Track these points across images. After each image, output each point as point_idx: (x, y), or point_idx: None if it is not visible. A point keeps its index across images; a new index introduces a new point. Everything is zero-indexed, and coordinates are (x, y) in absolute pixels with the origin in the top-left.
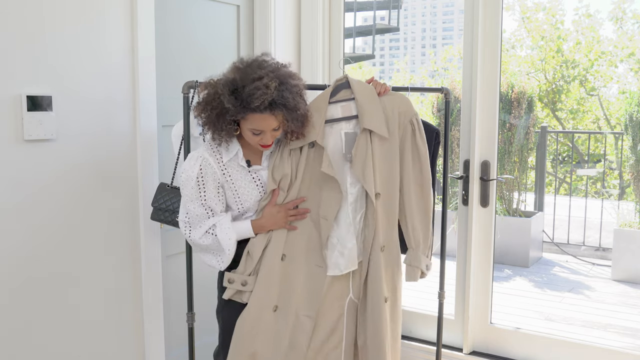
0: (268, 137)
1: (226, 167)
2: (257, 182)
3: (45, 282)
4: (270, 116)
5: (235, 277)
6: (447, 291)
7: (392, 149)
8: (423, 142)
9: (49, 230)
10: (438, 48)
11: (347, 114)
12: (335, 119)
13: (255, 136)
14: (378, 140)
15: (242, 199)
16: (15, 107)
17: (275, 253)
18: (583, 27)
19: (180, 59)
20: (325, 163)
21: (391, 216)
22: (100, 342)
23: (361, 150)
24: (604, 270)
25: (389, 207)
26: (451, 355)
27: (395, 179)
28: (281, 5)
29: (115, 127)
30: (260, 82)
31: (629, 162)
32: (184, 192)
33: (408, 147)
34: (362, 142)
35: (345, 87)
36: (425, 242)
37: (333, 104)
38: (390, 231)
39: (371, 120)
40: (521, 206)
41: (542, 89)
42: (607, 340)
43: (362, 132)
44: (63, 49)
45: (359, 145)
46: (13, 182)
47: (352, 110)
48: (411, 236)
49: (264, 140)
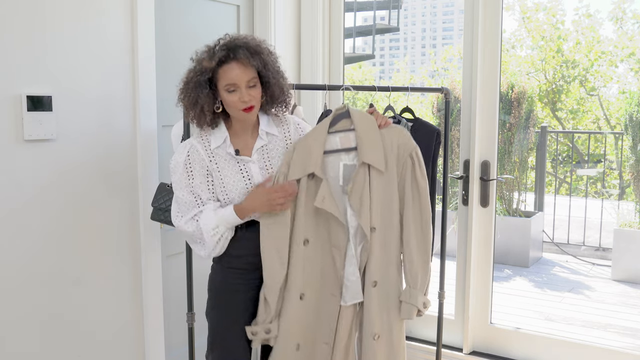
0: (244, 93)
1: (214, 155)
2: (244, 174)
3: (45, 282)
4: (239, 65)
5: (257, 328)
6: (447, 291)
7: (390, 182)
8: (423, 177)
9: (48, 230)
10: (438, 48)
11: (346, 145)
12: (334, 149)
13: (232, 95)
14: (376, 173)
15: (227, 188)
16: (15, 107)
17: (295, 293)
18: (583, 27)
19: (181, 59)
20: (320, 198)
21: (388, 251)
22: (100, 342)
23: (358, 184)
24: (604, 270)
25: (385, 242)
26: (451, 355)
27: (393, 214)
28: (281, 5)
29: (115, 127)
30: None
31: (629, 162)
32: (173, 179)
33: (408, 182)
34: (360, 176)
35: (346, 116)
36: (423, 279)
37: (332, 134)
38: (386, 267)
39: (370, 153)
40: (521, 206)
41: (542, 89)
42: (607, 340)
43: (361, 165)
44: (63, 49)
45: (357, 178)
46: (13, 182)
47: (351, 142)
48: (408, 273)
49: (241, 97)
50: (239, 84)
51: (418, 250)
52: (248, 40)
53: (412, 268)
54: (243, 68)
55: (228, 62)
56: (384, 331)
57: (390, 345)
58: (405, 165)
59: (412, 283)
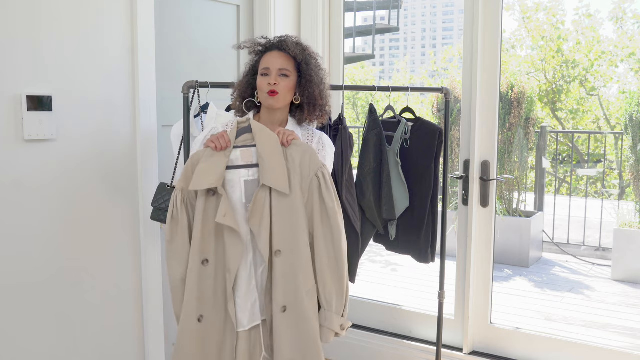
0: (273, 77)
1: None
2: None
3: (45, 282)
4: (279, 53)
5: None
6: (447, 291)
7: (295, 203)
8: (330, 196)
9: (48, 230)
10: (438, 48)
11: (247, 162)
12: (235, 165)
13: (264, 79)
14: (279, 195)
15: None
16: (15, 107)
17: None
18: (583, 27)
19: (181, 59)
20: (221, 213)
21: (297, 275)
22: (101, 342)
23: (259, 205)
24: (604, 270)
25: (293, 266)
26: (451, 355)
27: (299, 235)
28: (281, 5)
29: (115, 127)
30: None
31: (629, 162)
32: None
33: (316, 202)
34: (260, 197)
35: (248, 131)
36: (338, 301)
37: (235, 148)
38: (295, 292)
39: (271, 175)
40: (521, 206)
41: (542, 89)
42: (607, 340)
43: (262, 186)
44: (63, 49)
45: (257, 199)
46: (13, 182)
47: (252, 158)
48: (322, 295)
49: (270, 79)
50: (272, 68)
51: (330, 272)
52: (299, 40)
53: (325, 290)
54: (281, 55)
55: (272, 50)
56: (296, 358)
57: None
58: (312, 184)
59: (326, 306)
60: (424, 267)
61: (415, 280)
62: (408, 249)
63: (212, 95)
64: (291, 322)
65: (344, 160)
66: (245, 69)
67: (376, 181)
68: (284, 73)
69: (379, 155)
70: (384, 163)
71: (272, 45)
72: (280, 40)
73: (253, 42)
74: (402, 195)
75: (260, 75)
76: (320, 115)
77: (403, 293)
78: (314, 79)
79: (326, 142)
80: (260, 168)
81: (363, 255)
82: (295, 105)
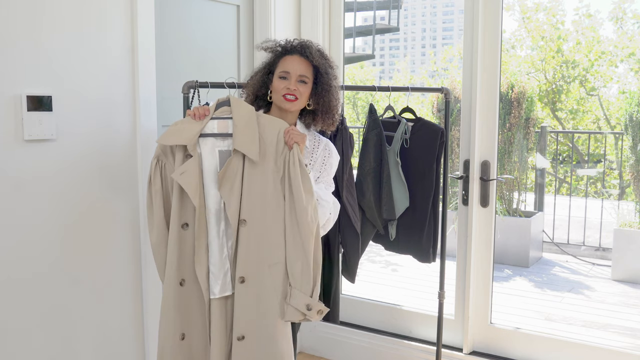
0: (292, 82)
1: None
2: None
3: (45, 281)
4: (300, 59)
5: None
6: (447, 291)
7: (266, 174)
8: (295, 171)
9: (49, 230)
10: (438, 48)
11: (222, 131)
12: (209, 133)
13: (282, 82)
14: (251, 164)
15: None
16: (15, 107)
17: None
18: (583, 27)
19: (181, 59)
20: (179, 171)
21: (259, 246)
22: (101, 342)
23: (230, 173)
24: (604, 270)
25: (255, 236)
26: (451, 355)
27: (267, 207)
28: (281, 5)
29: (115, 126)
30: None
31: (629, 162)
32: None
33: (286, 175)
34: (233, 164)
35: (227, 104)
36: (303, 277)
37: (212, 119)
38: (256, 263)
39: (243, 141)
40: (521, 206)
41: (542, 89)
42: (607, 340)
43: (235, 153)
44: (63, 49)
45: (230, 167)
46: (13, 182)
47: (228, 128)
48: (289, 272)
49: (289, 85)
50: (292, 73)
51: (294, 247)
52: (320, 48)
53: (290, 266)
54: (302, 61)
55: (293, 53)
56: (250, 332)
57: (261, 349)
58: (286, 160)
59: (292, 282)
60: (424, 267)
61: (415, 280)
62: (408, 248)
63: (212, 95)
64: (249, 294)
65: (344, 160)
66: (260, 66)
67: (376, 181)
68: (303, 80)
69: (379, 155)
70: (384, 163)
71: (294, 49)
72: (302, 46)
73: (275, 42)
74: (402, 195)
75: (277, 77)
76: (331, 123)
77: (403, 293)
78: (331, 89)
79: (332, 150)
80: (234, 135)
81: (363, 255)
82: (307, 110)
